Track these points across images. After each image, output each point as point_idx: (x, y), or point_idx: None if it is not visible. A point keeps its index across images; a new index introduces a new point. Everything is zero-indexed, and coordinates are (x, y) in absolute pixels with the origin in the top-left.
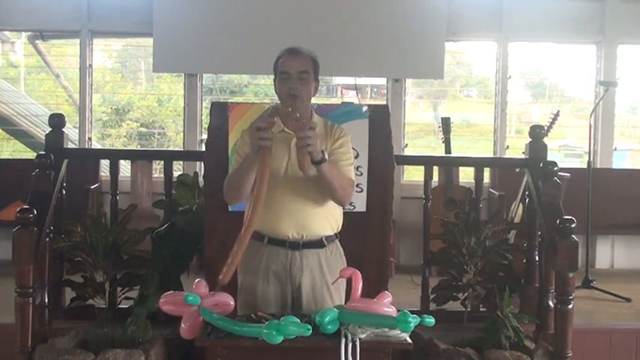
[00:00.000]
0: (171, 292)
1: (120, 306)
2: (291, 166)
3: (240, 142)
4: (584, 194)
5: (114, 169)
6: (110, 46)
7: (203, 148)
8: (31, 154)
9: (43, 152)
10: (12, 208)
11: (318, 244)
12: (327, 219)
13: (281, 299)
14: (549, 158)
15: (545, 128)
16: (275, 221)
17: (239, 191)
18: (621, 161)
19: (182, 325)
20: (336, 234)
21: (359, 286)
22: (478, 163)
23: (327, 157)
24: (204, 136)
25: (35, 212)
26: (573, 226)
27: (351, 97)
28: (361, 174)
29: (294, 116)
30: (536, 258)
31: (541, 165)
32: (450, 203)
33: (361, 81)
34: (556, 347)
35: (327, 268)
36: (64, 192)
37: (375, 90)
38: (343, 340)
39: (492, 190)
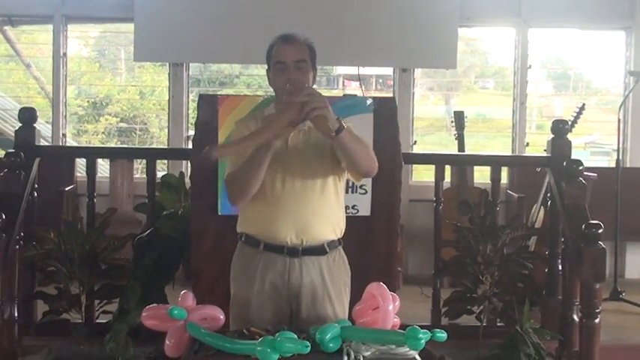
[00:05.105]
0: (155, 305)
1: (97, 321)
2: (289, 164)
3: (236, 132)
4: (613, 196)
5: (91, 169)
6: (86, 32)
7: (190, 146)
8: None
9: (13, 150)
10: None
11: (320, 250)
12: (329, 222)
13: (278, 312)
14: (574, 156)
15: (570, 123)
16: (272, 224)
17: (248, 187)
18: None
19: (167, 341)
20: (339, 239)
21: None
22: (495, 162)
23: (344, 124)
24: (191, 132)
25: (4, 217)
26: (600, 231)
27: (353, 88)
28: None
29: (293, 89)
30: (559, 267)
31: (565, 164)
32: (464, 206)
33: (365, 71)
34: None
35: (329, 277)
36: (35, 194)
37: (381, 81)
38: (345, 358)
39: (510, 192)
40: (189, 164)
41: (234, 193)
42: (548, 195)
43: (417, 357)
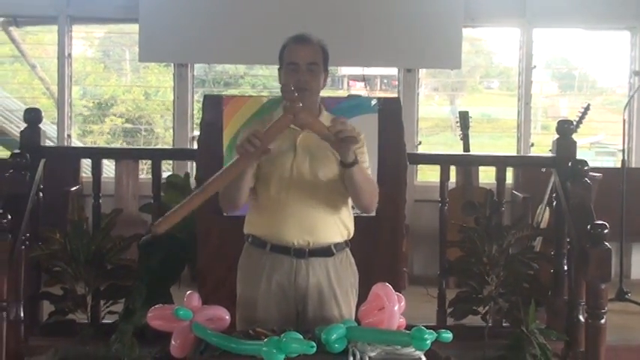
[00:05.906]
0: (160, 305)
1: (103, 321)
2: (296, 165)
3: (241, 138)
4: (618, 196)
5: (96, 170)
6: (91, 33)
7: (195, 146)
8: (4, 153)
9: (18, 151)
10: None
11: (326, 252)
12: (336, 224)
13: (284, 313)
14: (579, 156)
15: (575, 123)
16: (279, 226)
17: (233, 200)
18: None
19: (172, 342)
20: (346, 241)
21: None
22: (500, 162)
23: (359, 158)
24: (196, 133)
25: (9, 217)
26: (606, 231)
27: (358, 89)
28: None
29: (298, 109)
30: (565, 267)
31: (570, 164)
32: (469, 207)
33: (370, 71)
34: None
35: (335, 278)
36: (41, 195)
37: (386, 81)
38: (351, 358)
39: (516, 192)
40: (194, 165)
41: (223, 205)
42: (554, 195)
43: (423, 357)
